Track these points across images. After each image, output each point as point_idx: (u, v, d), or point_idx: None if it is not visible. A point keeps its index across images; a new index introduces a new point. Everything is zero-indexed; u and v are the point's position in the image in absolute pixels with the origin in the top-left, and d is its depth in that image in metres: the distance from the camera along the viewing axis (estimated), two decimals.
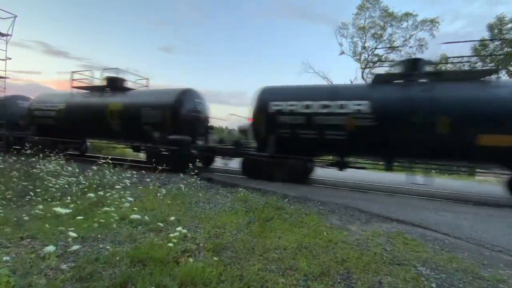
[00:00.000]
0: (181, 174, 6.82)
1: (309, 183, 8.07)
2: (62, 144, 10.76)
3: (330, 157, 8.41)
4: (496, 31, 19.59)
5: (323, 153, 8.38)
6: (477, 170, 7.88)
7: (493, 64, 20.03)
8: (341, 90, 7.75)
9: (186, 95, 9.27)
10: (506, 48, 19.38)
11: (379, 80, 7.52)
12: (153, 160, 7.12)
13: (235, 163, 9.03)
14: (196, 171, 6.35)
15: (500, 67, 19.41)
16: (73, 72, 11.14)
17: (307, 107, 7.47)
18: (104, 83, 10.87)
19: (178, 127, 8.86)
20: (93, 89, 11.07)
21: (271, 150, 7.81)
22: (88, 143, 13.32)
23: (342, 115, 7.05)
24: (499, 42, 19.41)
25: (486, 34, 20.19)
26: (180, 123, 8.91)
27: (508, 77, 19.93)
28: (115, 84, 10.73)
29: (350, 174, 8.94)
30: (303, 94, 7.88)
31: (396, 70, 7.86)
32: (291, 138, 7.72)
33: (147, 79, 11.79)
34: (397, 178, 8.70)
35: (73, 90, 11.19)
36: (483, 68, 17.92)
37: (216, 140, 10.36)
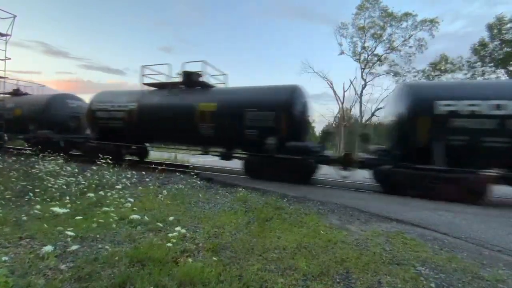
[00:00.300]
0: (180, 175, 6.82)
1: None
2: (125, 150, 10.04)
3: None
4: (495, 31, 19.59)
5: None
6: None
7: (492, 64, 20.06)
8: None
9: (296, 93, 7.96)
10: (505, 48, 19.38)
11: None
12: (254, 169, 6.78)
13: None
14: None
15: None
16: (143, 66, 9.92)
17: (498, 107, 5.87)
18: (174, 79, 9.67)
19: (295, 132, 7.61)
20: (167, 86, 9.62)
21: (439, 161, 6.25)
22: (148, 148, 11.73)
23: None
24: (499, 42, 19.42)
25: (485, 34, 20.21)
26: (296, 127, 7.64)
27: (507, 77, 19.94)
28: (193, 81, 9.16)
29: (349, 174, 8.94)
30: (486, 90, 6.32)
31: None
32: (469, 147, 6.08)
33: (225, 74, 10.12)
34: None
35: (143, 87, 10.02)
36: None
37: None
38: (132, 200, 4.38)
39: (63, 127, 11.67)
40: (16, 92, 14.23)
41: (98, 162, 6.66)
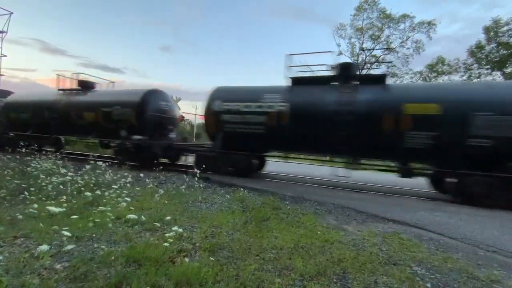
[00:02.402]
0: (178, 174, 6.80)
1: None
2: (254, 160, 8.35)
3: None
4: (492, 33, 19.77)
5: None
6: None
7: (489, 66, 20.23)
8: None
9: None
10: (502, 51, 19.56)
11: None
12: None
13: None
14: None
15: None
16: (290, 54, 7.97)
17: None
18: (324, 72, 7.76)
19: None
20: (320, 81, 7.70)
21: None
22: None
23: None
24: (495, 44, 19.60)
25: (482, 37, 20.39)
26: None
27: (503, 79, 20.12)
28: (349, 75, 7.42)
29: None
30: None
31: None
32: None
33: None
34: (391, 178, 8.74)
35: (290, 83, 7.89)
36: None
37: None
38: (128, 199, 4.36)
39: (159, 132, 9.45)
40: (86, 85, 11.08)
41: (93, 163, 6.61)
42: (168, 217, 3.68)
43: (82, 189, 4.75)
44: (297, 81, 7.96)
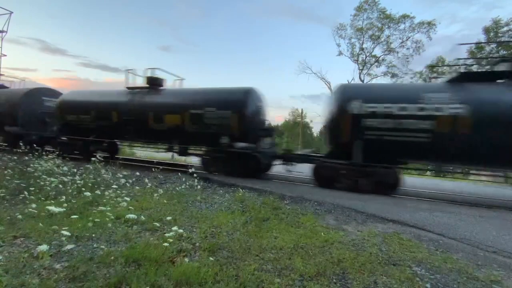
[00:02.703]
0: (179, 174, 6.80)
1: None
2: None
3: None
4: (492, 34, 19.80)
5: None
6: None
7: (489, 67, 20.25)
8: None
9: None
10: (501, 51, 19.58)
11: None
12: None
13: None
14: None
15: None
16: (458, 44, 7.48)
17: None
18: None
19: None
20: (490, 77, 6.47)
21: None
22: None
23: None
24: (495, 45, 19.61)
25: (482, 37, 20.41)
26: None
27: None
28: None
29: None
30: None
31: None
32: None
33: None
34: None
35: (455, 78, 6.55)
36: None
37: None
38: (128, 199, 4.36)
39: (256, 139, 8.19)
40: (156, 83, 9.66)
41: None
42: (168, 217, 3.68)
43: (83, 189, 4.75)
44: (465, 77, 6.48)
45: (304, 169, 7.92)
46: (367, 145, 6.68)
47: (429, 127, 6.12)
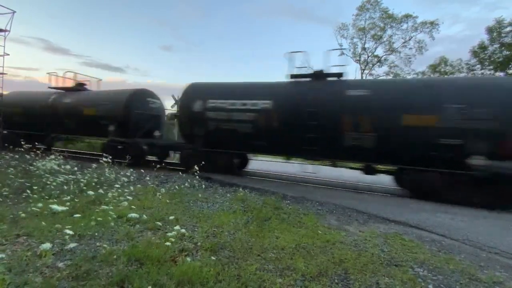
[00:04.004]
0: (180, 173, 6.81)
1: None
2: None
3: None
4: (495, 34, 19.66)
5: None
6: None
7: (492, 67, 20.12)
8: None
9: None
10: (504, 51, 19.45)
11: None
12: None
13: None
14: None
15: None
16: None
17: None
18: None
19: None
20: None
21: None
22: None
23: None
24: (498, 45, 19.49)
25: (484, 38, 20.28)
26: None
27: None
28: None
29: (348, 175, 8.97)
30: None
31: None
32: None
33: None
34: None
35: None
36: None
37: None
38: (130, 198, 4.37)
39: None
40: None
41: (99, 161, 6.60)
42: (170, 217, 3.69)
43: (84, 188, 4.77)
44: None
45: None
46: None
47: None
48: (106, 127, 9.59)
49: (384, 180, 9.21)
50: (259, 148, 8.21)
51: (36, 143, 9.41)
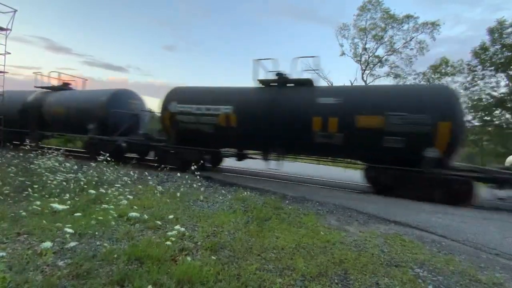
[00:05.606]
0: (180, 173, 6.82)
1: None
2: None
3: None
4: (496, 35, 19.62)
5: None
6: None
7: (493, 68, 20.09)
8: None
9: None
10: (506, 53, 19.41)
11: None
12: None
13: None
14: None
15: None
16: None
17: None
18: None
19: None
20: None
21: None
22: None
23: None
24: (500, 46, 19.45)
25: (486, 39, 20.24)
26: None
27: (508, 82, 19.98)
28: None
29: (349, 175, 8.97)
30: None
31: None
32: None
33: None
34: None
35: None
36: None
37: None
38: (131, 197, 4.38)
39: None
40: None
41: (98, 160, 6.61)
42: (170, 216, 3.69)
43: (85, 186, 4.77)
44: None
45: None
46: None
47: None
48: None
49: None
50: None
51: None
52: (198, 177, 6.47)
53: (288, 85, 8.17)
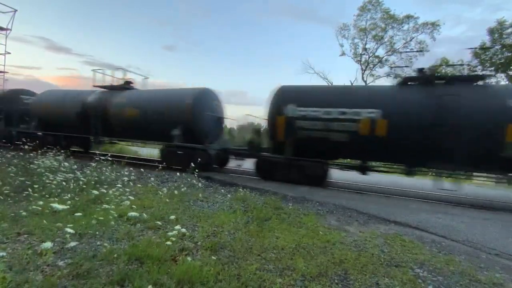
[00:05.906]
0: (179, 173, 6.81)
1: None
2: None
3: None
4: (496, 35, 19.62)
5: None
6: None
7: (493, 68, 20.10)
8: None
9: None
10: (506, 53, 19.42)
11: None
12: None
13: None
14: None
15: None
16: None
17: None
18: None
19: None
20: None
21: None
22: None
23: None
24: (500, 46, 19.46)
25: (486, 39, 20.25)
26: None
27: (508, 82, 19.98)
28: None
29: (349, 176, 8.97)
30: None
31: None
32: None
33: None
34: (393, 179, 8.71)
35: None
36: None
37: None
38: (131, 197, 4.38)
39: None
40: None
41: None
42: (170, 216, 3.69)
43: (84, 186, 4.77)
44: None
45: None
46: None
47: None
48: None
49: (384, 180, 9.21)
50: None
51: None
52: (198, 177, 6.46)
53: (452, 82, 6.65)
